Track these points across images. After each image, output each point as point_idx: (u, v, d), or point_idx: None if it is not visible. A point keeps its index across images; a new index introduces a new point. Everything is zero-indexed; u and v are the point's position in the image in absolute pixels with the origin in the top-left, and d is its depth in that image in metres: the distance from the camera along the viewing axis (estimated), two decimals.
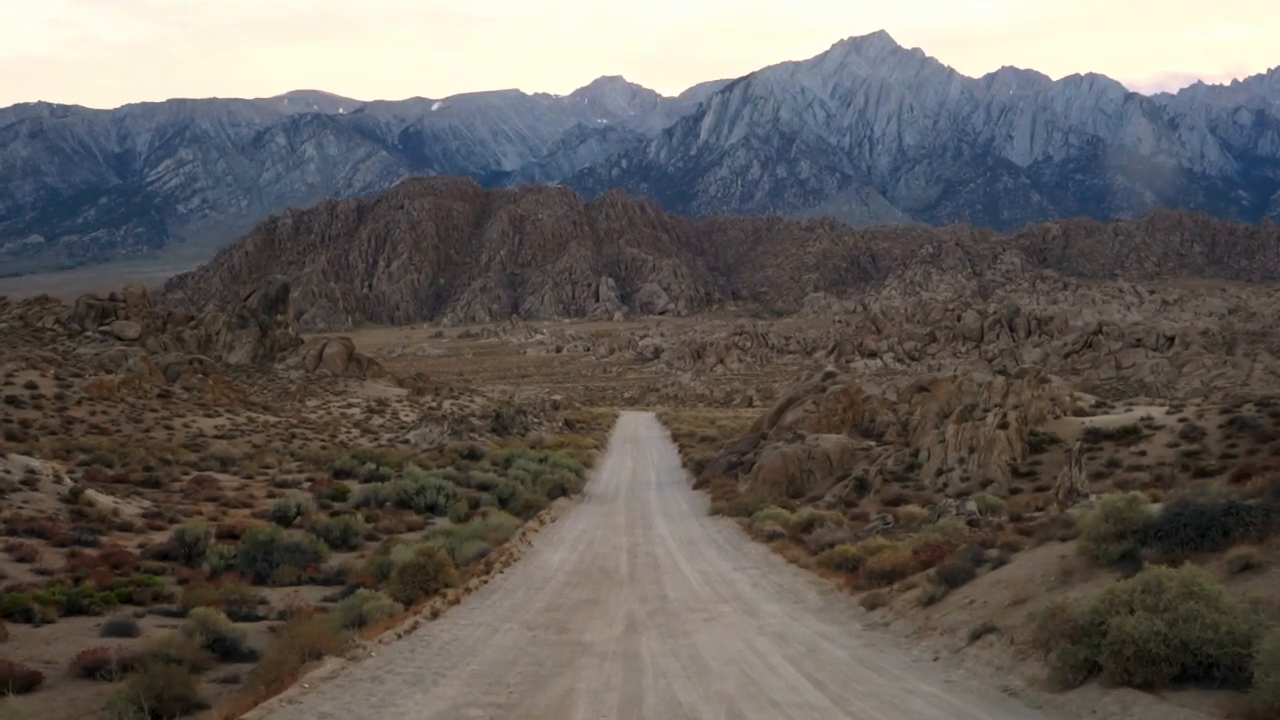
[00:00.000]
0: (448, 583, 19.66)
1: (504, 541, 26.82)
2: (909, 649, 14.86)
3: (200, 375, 78.13)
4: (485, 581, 21.54)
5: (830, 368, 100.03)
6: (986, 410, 40.32)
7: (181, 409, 62.79)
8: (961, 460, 35.09)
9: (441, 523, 32.43)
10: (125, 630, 17.85)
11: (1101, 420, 37.62)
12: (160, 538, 27.52)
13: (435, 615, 17.78)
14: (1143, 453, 34.09)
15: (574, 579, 23.22)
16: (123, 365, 79.91)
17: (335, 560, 26.11)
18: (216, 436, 57.06)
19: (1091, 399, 45.64)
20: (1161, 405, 44.47)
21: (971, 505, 26.07)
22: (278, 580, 23.12)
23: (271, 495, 37.48)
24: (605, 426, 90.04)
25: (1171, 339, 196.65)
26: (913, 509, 28.35)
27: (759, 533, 29.36)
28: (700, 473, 51.73)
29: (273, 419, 66.16)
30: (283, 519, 31.00)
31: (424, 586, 18.99)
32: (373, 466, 44.45)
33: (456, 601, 19.16)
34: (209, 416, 62.22)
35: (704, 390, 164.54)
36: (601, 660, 14.99)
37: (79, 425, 54.54)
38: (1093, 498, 25.80)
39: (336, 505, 36.03)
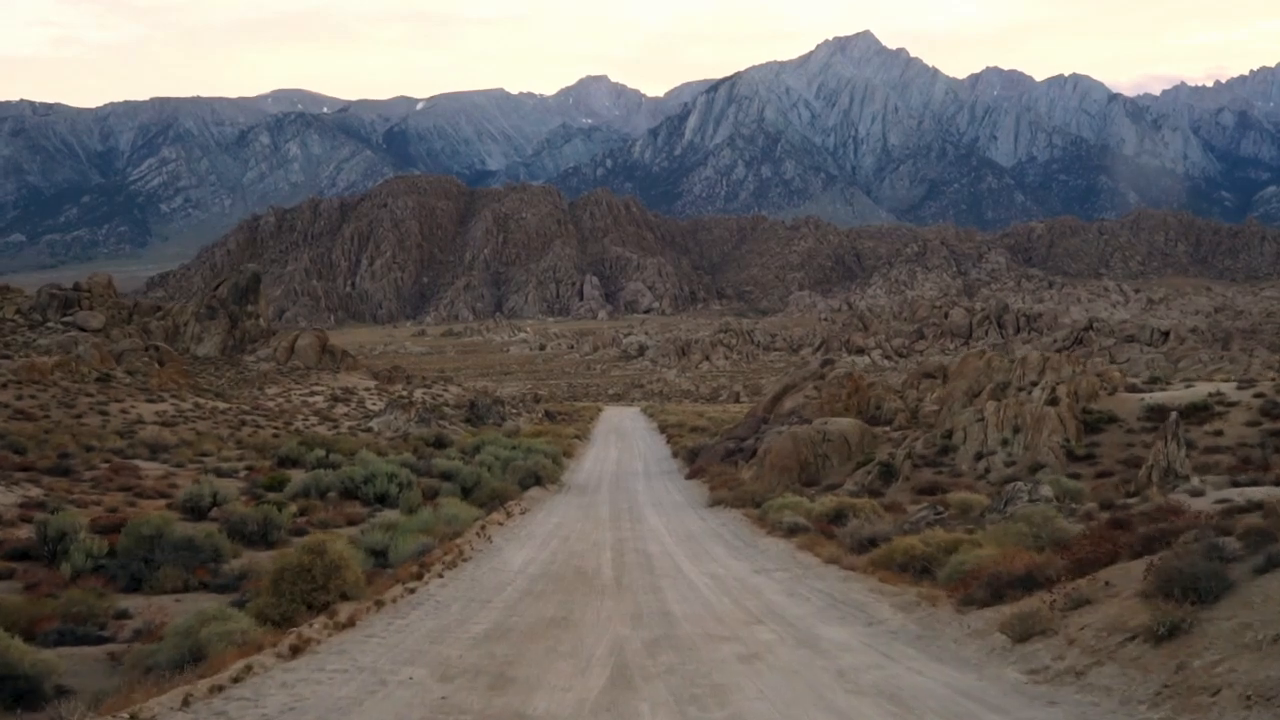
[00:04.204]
0: (346, 592, 13.86)
1: (456, 536, 21.44)
2: None
3: (154, 362, 72.37)
4: (411, 590, 15.78)
5: (828, 356, 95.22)
6: (1020, 389, 35.26)
7: (121, 394, 57.17)
8: (1005, 442, 29.96)
9: (390, 515, 27.06)
10: None
11: (1163, 396, 32.55)
12: (28, 532, 22.10)
13: (296, 650, 11.55)
14: (1219, 432, 29.11)
15: (539, 585, 17.46)
16: (72, 352, 74.10)
17: (246, 559, 20.75)
18: (158, 423, 51.51)
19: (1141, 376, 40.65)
20: (1227, 380, 39.46)
21: (1046, 490, 20.95)
22: (157, 585, 17.77)
23: (198, 484, 32.02)
24: (588, 419, 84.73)
25: (1166, 334, 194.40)
26: (966, 496, 23.15)
27: (775, 525, 24.00)
28: (694, 461, 46.49)
29: (223, 405, 60.61)
30: (195, 509, 25.63)
31: (308, 599, 13.20)
32: (321, 453, 38.94)
33: (350, 624, 13.06)
34: (151, 402, 56.64)
35: (690, 386, 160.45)
36: None
37: (1, 410, 48.94)
38: (1196, 480, 20.72)
39: (271, 496, 30.63)
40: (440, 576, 17.57)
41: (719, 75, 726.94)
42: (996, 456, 29.67)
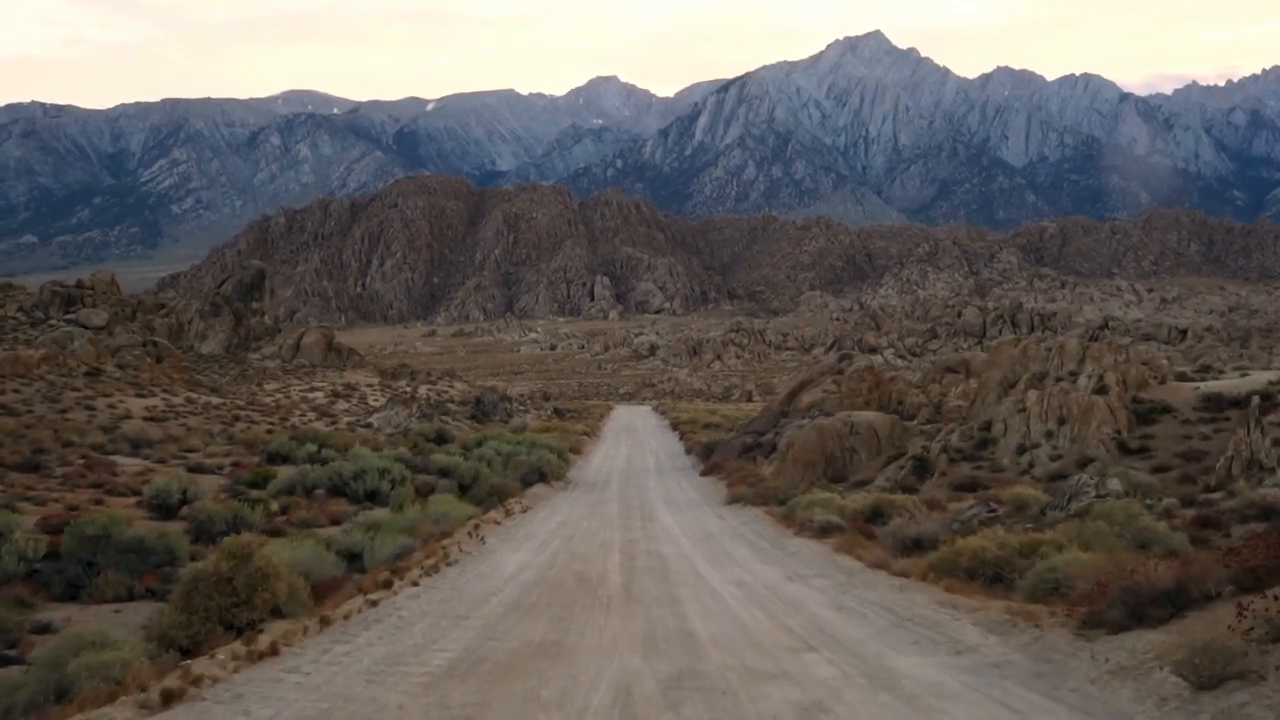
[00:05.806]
0: (281, 608, 11.27)
1: (444, 537, 19.04)
2: None
3: (149, 357, 70.19)
4: (374, 603, 13.05)
5: (846, 351, 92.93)
6: (1059, 379, 32.78)
7: (109, 388, 54.97)
8: (1050, 434, 27.50)
9: (379, 513, 24.69)
10: None
11: (1219, 385, 30.02)
12: None
13: (170, 698, 8.26)
14: None
15: (531, 596, 14.61)
16: (67, 347, 72.20)
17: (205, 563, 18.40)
18: (146, 418, 49.31)
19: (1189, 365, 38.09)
20: None
21: (1114, 484, 18.55)
22: (96, 593, 15.41)
23: (168, 479, 29.72)
24: (598, 416, 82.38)
25: (1184, 332, 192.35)
26: (1020, 491, 20.68)
27: (804, 525, 21.53)
28: (709, 457, 44.08)
29: (217, 400, 58.38)
30: (163, 507, 23.31)
31: (226, 617, 10.59)
32: (313, 449, 36.62)
33: (272, 652, 10.01)
34: (141, 397, 54.44)
35: (701, 385, 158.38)
36: None
37: None
38: None
39: (254, 493, 28.34)
40: (414, 585, 14.88)
41: (729, 75, 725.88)
42: (1041, 450, 27.22)
